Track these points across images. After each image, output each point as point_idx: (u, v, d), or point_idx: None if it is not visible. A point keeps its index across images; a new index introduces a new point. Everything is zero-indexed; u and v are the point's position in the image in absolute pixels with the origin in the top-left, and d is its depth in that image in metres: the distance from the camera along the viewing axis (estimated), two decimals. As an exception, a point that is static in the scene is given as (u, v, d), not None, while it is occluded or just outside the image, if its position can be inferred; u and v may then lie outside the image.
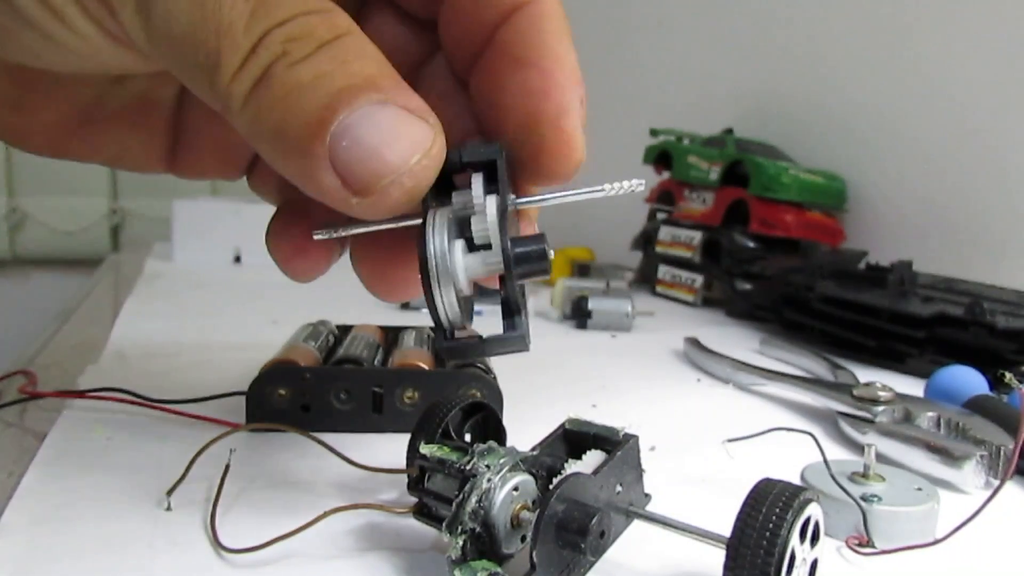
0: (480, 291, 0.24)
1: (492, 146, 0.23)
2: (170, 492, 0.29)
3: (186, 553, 0.26)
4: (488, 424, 0.31)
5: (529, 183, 0.25)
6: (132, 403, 0.39)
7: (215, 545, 0.26)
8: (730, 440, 0.37)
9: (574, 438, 0.28)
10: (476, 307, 0.27)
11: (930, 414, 0.40)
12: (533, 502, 0.24)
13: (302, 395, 0.37)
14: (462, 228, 0.22)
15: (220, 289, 0.84)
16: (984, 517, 0.28)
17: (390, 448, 0.31)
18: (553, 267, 0.22)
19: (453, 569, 0.23)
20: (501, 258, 0.21)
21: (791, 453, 0.35)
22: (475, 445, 0.25)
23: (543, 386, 0.49)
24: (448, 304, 0.21)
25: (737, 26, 1.06)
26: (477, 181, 0.22)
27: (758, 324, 0.75)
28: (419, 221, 0.22)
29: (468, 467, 0.25)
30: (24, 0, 0.20)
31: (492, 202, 0.22)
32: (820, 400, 0.45)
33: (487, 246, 0.21)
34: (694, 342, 0.58)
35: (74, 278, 1.40)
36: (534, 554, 0.22)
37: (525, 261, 0.21)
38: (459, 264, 0.21)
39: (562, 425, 0.28)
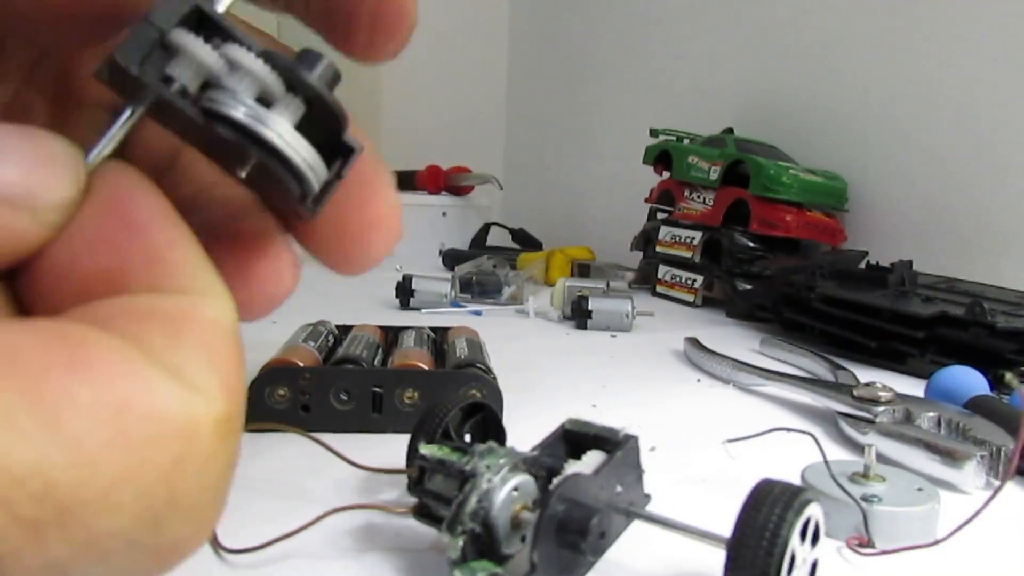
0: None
1: None
2: (170, 492, 0.29)
3: (186, 553, 0.26)
4: (488, 424, 0.31)
5: (363, 47, 0.16)
6: (132, 403, 0.38)
7: (215, 545, 0.26)
8: (730, 440, 0.37)
9: (574, 438, 0.28)
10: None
11: (930, 414, 0.40)
12: (533, 502, 0.24)
13: (302, 395, 0.37)
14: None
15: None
16: (985, 517, 0.28)
17: (390, 448, 0.31)
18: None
19: (453, 569, 0.23)
20: (304, 88, 0.14)
21: (791, 453, 0.35)
22: (475, 445, 0.25)
23: (543, 386, 0.49)
24: (303, 149, 0.14)
25: (737, 26, 1.06)
26: (190, 37, 0.14)
27: (758, 324, 0.75)
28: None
29: (468, 467, 0.24)
30: None
31: (240, 51, 0.14)
32: (820, 400, 0.45)
33: (268, 95, 0.14)
34: (694, 342, 0.58)
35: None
36: (534, 554, 0.21)
37: (315, 63, 0.14)
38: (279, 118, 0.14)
39: (562, 425, 0.28)
